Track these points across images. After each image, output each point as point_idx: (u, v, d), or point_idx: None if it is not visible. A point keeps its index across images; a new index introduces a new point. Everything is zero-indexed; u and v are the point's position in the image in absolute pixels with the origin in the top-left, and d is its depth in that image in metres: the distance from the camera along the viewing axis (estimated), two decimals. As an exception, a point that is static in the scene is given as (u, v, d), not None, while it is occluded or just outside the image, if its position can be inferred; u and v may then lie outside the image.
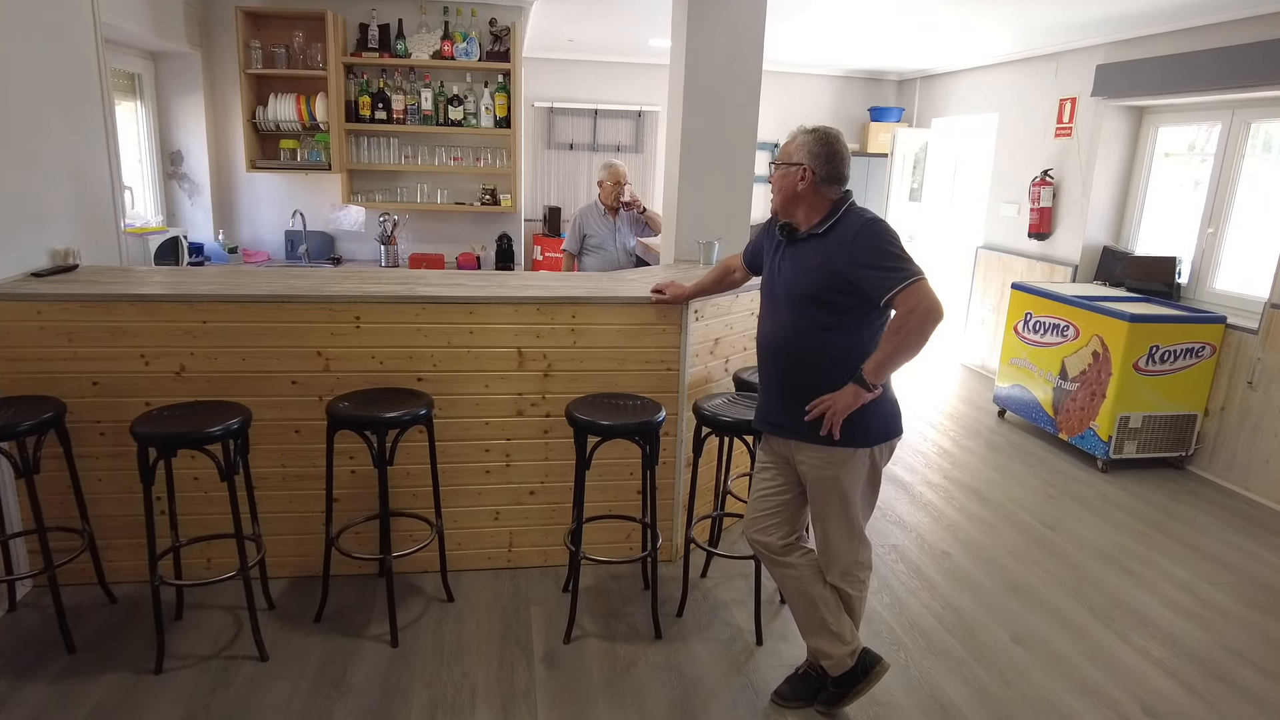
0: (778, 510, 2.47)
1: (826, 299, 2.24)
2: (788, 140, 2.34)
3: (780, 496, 2.46)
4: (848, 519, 2.38)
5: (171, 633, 2.80)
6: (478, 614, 3.01)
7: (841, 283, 2.21)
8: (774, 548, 2.47)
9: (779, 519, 2.47)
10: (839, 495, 2.35)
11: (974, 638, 2.99)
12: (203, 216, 5.29)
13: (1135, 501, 4.28)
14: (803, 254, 2.31)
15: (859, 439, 2.29)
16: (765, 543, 2.48)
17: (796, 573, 2.45)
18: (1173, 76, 4.85)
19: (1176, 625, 3.12)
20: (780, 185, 2.32)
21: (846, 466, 2.31)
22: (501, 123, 5.31)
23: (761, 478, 2.51)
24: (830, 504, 2.37)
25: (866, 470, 2.35)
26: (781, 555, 2.47)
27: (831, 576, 2.45)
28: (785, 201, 2.33)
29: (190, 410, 2.66)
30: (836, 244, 2.23)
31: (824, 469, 2.33)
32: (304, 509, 3.11)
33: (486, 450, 3.16)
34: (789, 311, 2.32)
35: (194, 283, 3.04)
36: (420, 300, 2.98)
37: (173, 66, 5.06)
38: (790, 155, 2.31)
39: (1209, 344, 4.54)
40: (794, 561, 2.46)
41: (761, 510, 2.49)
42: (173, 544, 2.88)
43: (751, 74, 4.03)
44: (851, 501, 2.36)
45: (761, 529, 2.49)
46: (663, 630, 2.92)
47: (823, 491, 2.36)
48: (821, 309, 2.25)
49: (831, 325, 2.26)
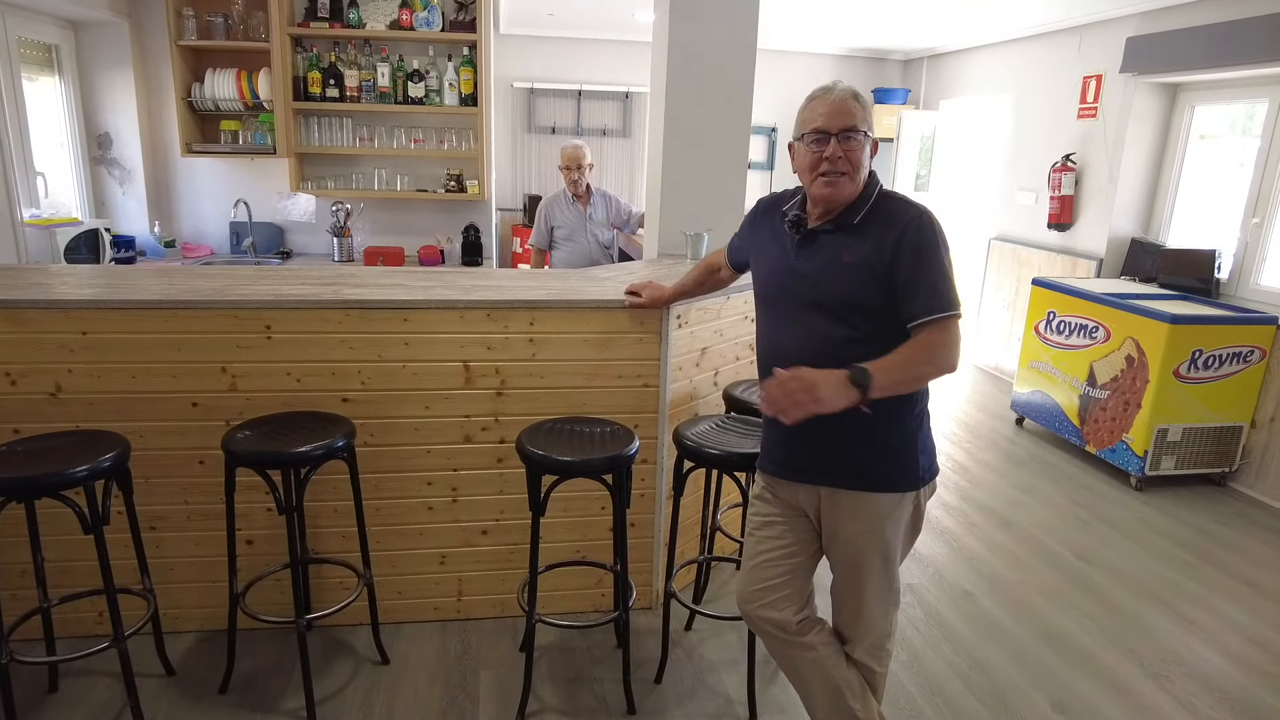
0: (789, 578, 1.93)
1: (864, 305, 1.74)
2: (832, 99, 1.75)
3: (792, 560, 1.93)
4: (889, 582, 1.90)
5: (40, 711, 2.31)
6: (416, 680, 2.51)
7: (881, 286, 1.72)
8: (789, 627, 1.92)
9: (792, 589, 1.93)
10: (882, 553, 1.86)
11: (1006, 706, 2.51)
12: (136, 206, 4.76)
13: (1177, 526, 3.80)
14: (827, 249, 1.79)
15: (908, 480, 1.81)
16: (777, 621, 1.92)
17: (817, 655, 1.93)
18: (1213, 49, 4.35)
19: (1247, 688, 2.64)
20: (849, 157, 1.74)
21: (892, 516, 1.82)
22: (467, 100, 4.77)
23: (765, 536, 1.97)
24: (870, 565, 1.87)
25: (909, 517, 1.87)
26: (798, 636, 1.93)
27: (859, 652, 1.97)
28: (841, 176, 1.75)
29: (54, 444, 2.15)
30: (878, 238, 1.73)
31: (865, 522, 1.83)
32: (212, 553, 2.62)
33: (429, 483, 2.66)
34: (816, 320, 1.80)
35: (72, 286, 2.52)
36: (343, 305, 2.47)
37: (95, 36, 4.51)
38: (866, 120, 1.77)
39: (1258, 348, 4.05)
40: (813, 641, 1.93)
41: (769, 580, 1.94)
42: (39, 605, 2.37)
43: (745, 49, 3.53)
44: (894, 560, 1.88)
45: (770, 604, 1.93)
46: (636, 702, 2.43)
47: (860, 550, 1.86)
48: (857, 318, 1.75)
49: (860, 339, 1.74)
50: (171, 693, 2.41)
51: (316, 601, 2.70)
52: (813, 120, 1.76)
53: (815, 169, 1.76)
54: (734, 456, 2.25)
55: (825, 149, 1.73)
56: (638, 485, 2.75)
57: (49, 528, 2.40)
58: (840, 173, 1.74)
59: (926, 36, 6.51)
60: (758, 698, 2.43)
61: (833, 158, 1.73)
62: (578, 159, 4.22)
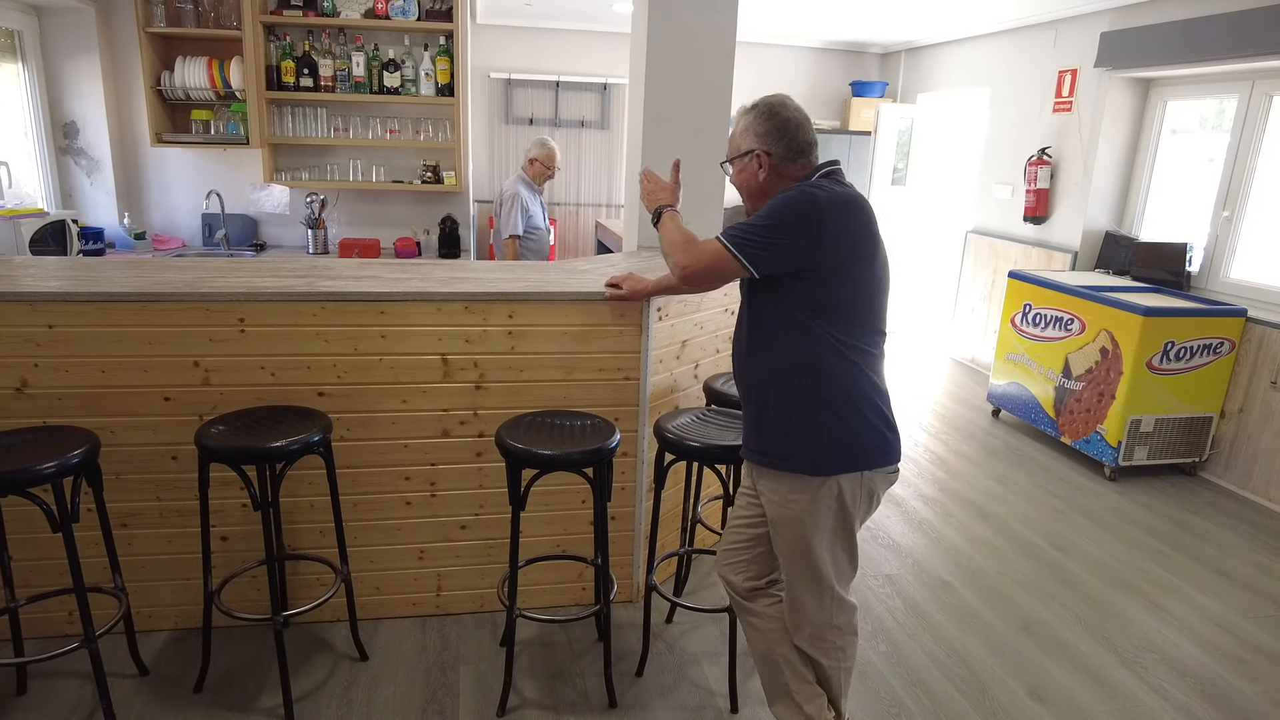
0: (748, 546, 2.10)
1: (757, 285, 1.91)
2: (732, 129, 2.00)
3: (751, 530, 2.09)
4: (812, 571, 1.93)
5: (9, 713, 2.25)
6: (395, 677, 2.49)
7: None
8: (739, 588, 2.12)
9: (749, 556, 2.10)
10: (800, 540, 1.90)
11: (986, 695, 2.53)
12: (105, 198, 4.65)
13: (1150, 515, 3.85)
14: None
15: (812, 464, 1.85)
16: (731, 582, 2.14)
17: (762, 624, 2.08)
18: (1186, 44, 4.39)
19: (1217, 673, 2.68)
20: (741, 183, 1.98)
21: (809, 504, 1.87)
22: (444, 90, 4.72)
23: (740, 505, 2.14)
24: (794, 549, 1.93)
25: (834, 511, 1.87)
26: (746, 599, 2.11)
27: (799, 639, 2.02)
28: (754, 198, 1.96)
29: (21, 440, 2.10)
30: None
31: (783, 505, 1.91)
32: (186, 549, 2.57)
33: (406, 478, 2.63)
34: (745, 309, 2.00)
35: (38, 279, 2.46)
36: (318, 298, 2.43)
37: (60, 22, 4.39)
38: (738, 146, 1.95)
39: (1228, 339, 4.11)
40: (759, 610, 2.09)
41: (731, 543, 2.14)
42: (6, 605, 2.31)
43: (724, 41, 3.50)
44: (815, 549, 1.90)
45: (729, 565, 2.14)
46: (618, 696, 2.42)
47: (783, 533, 1.94)
48: (759, 299, 1.92)
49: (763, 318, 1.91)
50: (145, 693, 2.37)
51: (293, 598, 2.67)
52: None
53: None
54: (715, 449, 2.24)
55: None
56: (618, 478, 2.74)
57: (16, 526, 2.35)
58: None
59: (904, 30, 6.53)
60: (739, 690, 2.44)
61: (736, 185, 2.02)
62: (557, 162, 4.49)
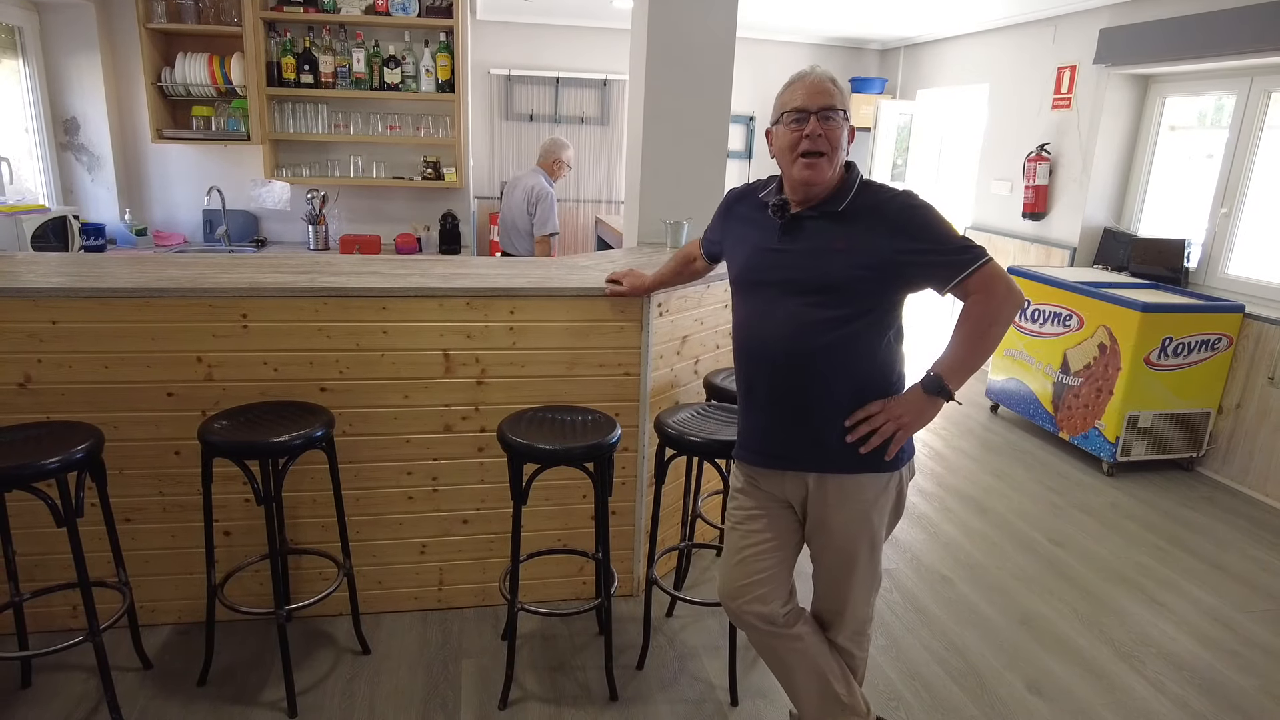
0: (774, 572, 1.90)
1: (853, 289, 1.73)
2: (811, 79, 1.73)
3: (776, 554, 1.90)
4: (873, 568, 1.91)
5: (13, 707, 2.27)
6: (398, 670, 2.50)
7: (878, 272, 1.72)
8: (775, 619, 1.89)
9: (776, 584, 1.90)
10: (869, 540, 1.86)
11: (985, 689, 2.55)
12: (106, 194, 4.66)
13: (1147, 510, 3.87)
14: (815, 236, 1.76)
15: (891, 460, 1.80)
16: (764, 614, 1.89)
17: (803, 645, 1.92)
18: (1185, 40, 4.40)
19: (1215, 668, 2.70)
20: (835, 139, 1.72)
21: (879, 501, 1.83)
22: (444, 87, 4.73)
23: (748, 530, 1.93)
24: (858, 553, 1.87)
25: (893, 501, 1.87)
26: (785, 628, 1.90)
27: (841, 638, 1.98)
28: (835, 152, 1.73)
29: (25, 435, 2.11)
30: (869, 225, 1.72)
31: (852, 508, 1.82)
32: (189, 544, 2.58)
33: (408, 473, 2.65)
34: (799, 304, 1.76)
35: (40, 274, 2.47)
36: (321, 294, 2.44)
37: (61, 19, 4.40)
38: (843, 104, 1.73)
39: (1226, 335, 4.13)
40: (800, 632, 1.92)
41: (754, 575, 1.90)
42: (11, 599, 2.33)
43: (725, 37, 3.51)
44: (879, 544, 1.89)
45: (756, 598, 1.89)
46: (619, 689, 2.44)
47: (849, 539, 1.85)
48: (839, 300, 1.73)
49: (843, 321, 1.73)
50: (149, 686, 2.38)
51: (296, 592, 2.68)
52: (792, 100, 1.74)
53: (795, 148, 1.73)
54: (715, 444, 2.26)
55: (805, 127, 1.71)
56: (619, 473, 2.75)
57: (20, 520, 2.36)
58: (819, 153, 1.71)
59: (903, 26, 6.53)
60: (739, 683, 2.45)
61: (813, 135, 1.70)
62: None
